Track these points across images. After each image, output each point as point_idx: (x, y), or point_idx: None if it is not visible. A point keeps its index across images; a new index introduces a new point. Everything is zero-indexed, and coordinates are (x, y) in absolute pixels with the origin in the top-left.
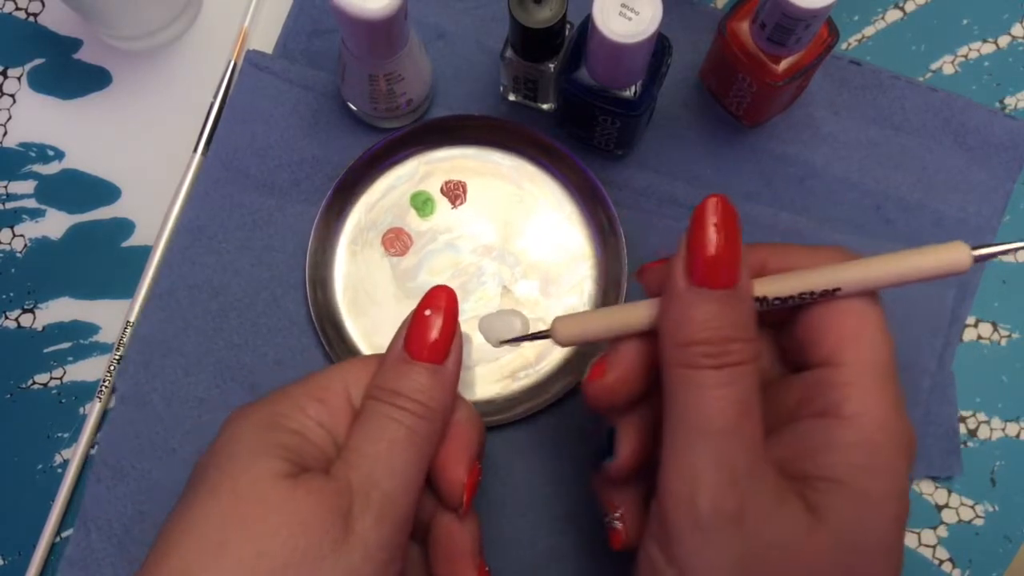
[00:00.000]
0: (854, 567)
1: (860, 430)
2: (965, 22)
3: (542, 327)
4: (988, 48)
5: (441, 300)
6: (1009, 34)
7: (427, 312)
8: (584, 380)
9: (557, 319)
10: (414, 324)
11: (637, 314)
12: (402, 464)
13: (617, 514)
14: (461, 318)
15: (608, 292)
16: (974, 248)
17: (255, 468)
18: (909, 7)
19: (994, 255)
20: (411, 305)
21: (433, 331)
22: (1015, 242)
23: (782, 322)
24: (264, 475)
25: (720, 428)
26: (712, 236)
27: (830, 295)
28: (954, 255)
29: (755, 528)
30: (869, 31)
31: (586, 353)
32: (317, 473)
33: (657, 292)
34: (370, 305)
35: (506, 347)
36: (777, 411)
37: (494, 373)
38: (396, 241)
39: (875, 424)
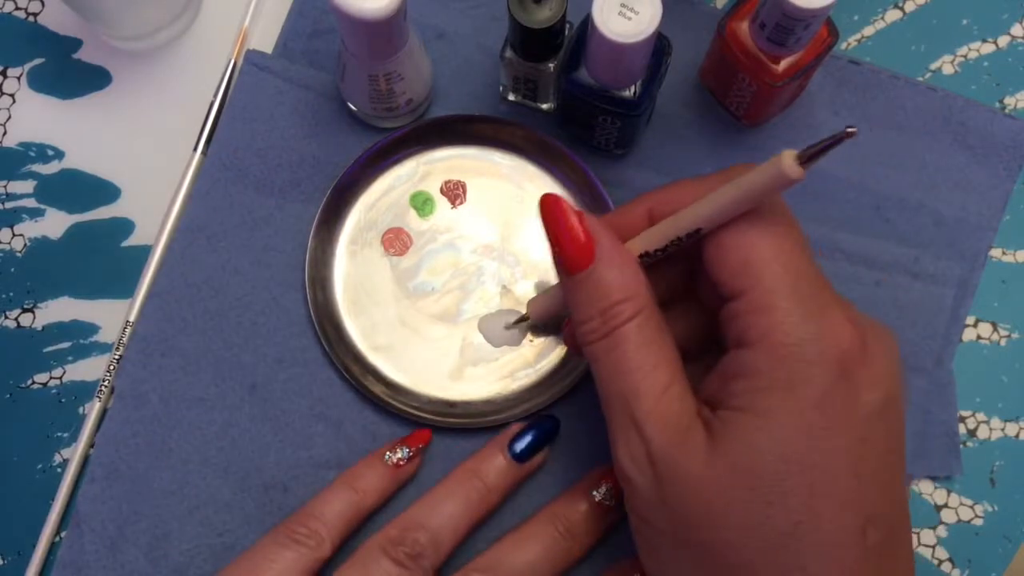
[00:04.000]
0: (757, 489)
1: (759, 354)
2: (965, 22)
3: (541, 327)
4: (988, 48)
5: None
6: (1009, 34)
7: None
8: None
9: (529, 301)
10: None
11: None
12: None
13: None
14: (461, 318)
15: None
16: (801, 151)
17: None
18: (909, 7)
19: (819, 152)
20: (411, 305)
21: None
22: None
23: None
24: None
25: (617, 390)
26: (552, 235)
27: (698, 236)
28: (781, 164)
29: (663, 470)
30: (869, 31)
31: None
32: None
33: None
34: (370, 305)
35: (506, 347)
36: (723, 342)
37: (493, 373)
38: (396, 241)
39: (773, 344)
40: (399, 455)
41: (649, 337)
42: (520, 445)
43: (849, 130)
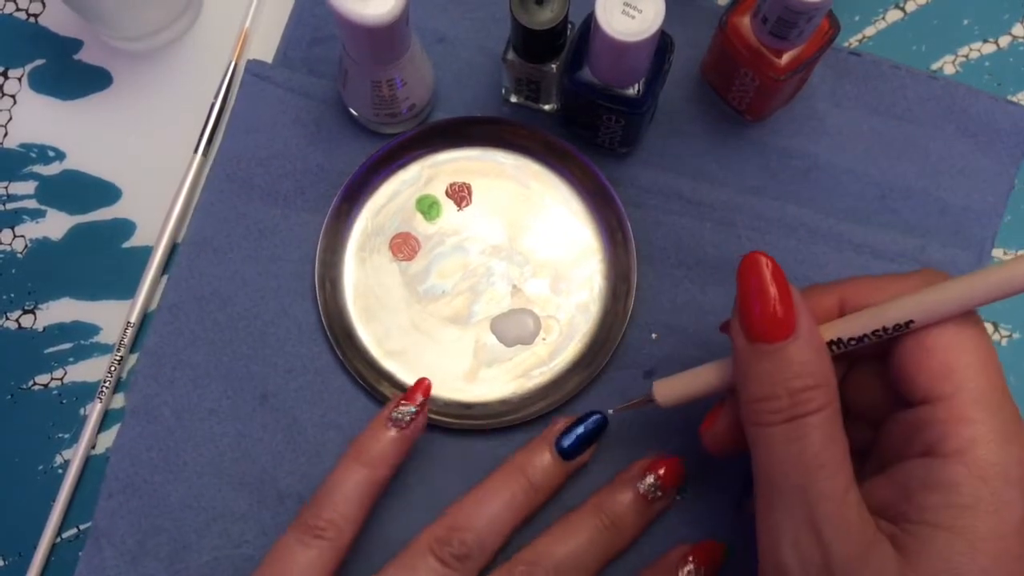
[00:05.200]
0: None
1: (960, 468)
2: (966, 22)
3: (554, 324)
4: (989, 48)
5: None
6: (1009, 34)
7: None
8: (701, 428)
9: (656, 384)
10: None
11: (724, 372)
12: None
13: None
14: (473, 320)
15: (618, 287)
16: None
17: None
18: (910, 7)
19: None
20: (422, 309)
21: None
22: None
23: (884, 356)
24: None
25: (794, 483)
26: (755, 295)
27: (905, 328)
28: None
29: None
30: (870, 31)
31: (601, 350)
32: None
33: None
34: (381, 311)
35: (519, 346)
36: (887, 449)
37: (508, 372)
38: (404, 246)
39: (976, 460)
40: (404, 413)
41: (834, 434)
42: (567, 441)
43: None
